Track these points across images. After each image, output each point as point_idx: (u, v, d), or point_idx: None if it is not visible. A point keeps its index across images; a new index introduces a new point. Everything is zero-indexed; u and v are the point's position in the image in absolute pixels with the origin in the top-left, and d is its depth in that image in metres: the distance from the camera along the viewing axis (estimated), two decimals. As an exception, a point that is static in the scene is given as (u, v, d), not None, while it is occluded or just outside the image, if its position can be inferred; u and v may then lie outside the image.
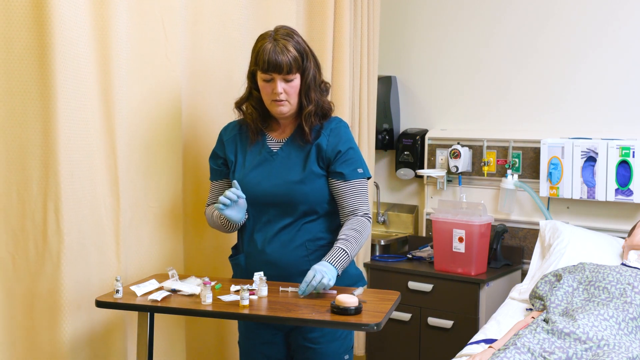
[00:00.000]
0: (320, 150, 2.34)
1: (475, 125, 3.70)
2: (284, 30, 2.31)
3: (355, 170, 2.36)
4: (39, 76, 2.14)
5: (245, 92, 2.41)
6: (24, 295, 2.20)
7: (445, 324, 3.26)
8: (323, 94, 2.37)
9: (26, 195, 2.17)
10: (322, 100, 2.36)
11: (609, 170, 3.15)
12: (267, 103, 2.33)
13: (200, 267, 2.74)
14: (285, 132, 2.41)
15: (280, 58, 2.23)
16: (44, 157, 2.17)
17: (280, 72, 2.25)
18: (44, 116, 2.15)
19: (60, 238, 2.20)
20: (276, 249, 2.34)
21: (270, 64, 2.23)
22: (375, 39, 3.59)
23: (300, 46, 2.29)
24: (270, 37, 2.28)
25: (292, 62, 2.25)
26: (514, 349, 2.16)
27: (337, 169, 2.34)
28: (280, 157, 2.37)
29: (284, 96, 2.28)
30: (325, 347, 2.35)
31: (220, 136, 2.48)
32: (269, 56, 2.23)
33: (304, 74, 2.30)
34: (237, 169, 2.40)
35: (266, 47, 2.25)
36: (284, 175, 2.34)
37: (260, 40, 2.31)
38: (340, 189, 2.35)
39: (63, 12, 2.15)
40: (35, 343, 2.21)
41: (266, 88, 2.29)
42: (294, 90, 2.29)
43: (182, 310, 2.13)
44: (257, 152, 2.40)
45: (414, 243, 3.79)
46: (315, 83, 2.33)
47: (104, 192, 2.36)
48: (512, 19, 3.59)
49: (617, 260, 2.94)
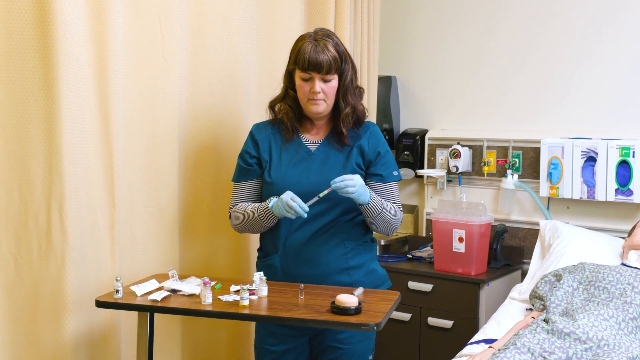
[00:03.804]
0: (363, 152, 2.39)
1: (475, 125, 3.70)
2: (324, 31, 2.35)
3: (392, 172, 2.42)
4: (42, 77, 2.14)
5: (281, 91, 2.43)
6: (27, 296, 2.20)
7: (445, 324, 3.26)
8: (358, 98, 2.40)
9: (29, 196, 2.17)
10: (358, 104, 2.39)
11: (609, 170, 3.15)
12: (303, 102, 2.36)
13: (197, 268, 2.74)
14: (319, 134, 2.43)
15: (320, 57, 2.27)
16: (47, 157, 2.17)
17: (320, 71, 2.28)
18: (47, 116, 2.16)
19: (65, 238, 2.20)
20: (315, 248, 2.35)
21: (310, 63, 2.27)
22: (375, 39, 3.59)
23: (339, 48, 2.33)
24: (310, 37, 2.32)
25: (331, 62, 2.28)
26: (514, 349, 2.16)
27: (376, 170, 2.40)
28: (319, 157, 2.39)
29: (321, 95, 2.31)
30: (355, 347, 2.38)
31: (253, 135, 2.46)
32: (310, 55, 2.27)
33: (342, 75, 2.34)
34: (273, 168, 2.39)
35: (307, 47, 2.29)
36: (325, 173, 2.35)
37: (300, 40, 2.35)
38: (377, 190, 2.40)
39: (65, 12, 2.15)
40: (37, 344, 2.21)
41: (304, 87, 2.32)
42: (331, 90, 2.32)
43: (182, 310, 2.13)
44: (294, 150, 2.40)
45: (414, 243, 3.79)
46: (352, 86, 2.37)
47: (100, 193, 2.36)
48: (512, 19, 3.59)
49: (617, 260, 2.94)
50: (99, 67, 2.33)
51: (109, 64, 2.35)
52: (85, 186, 2.29)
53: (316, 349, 2.42)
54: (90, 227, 2.32)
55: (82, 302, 2.28)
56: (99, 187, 2.36)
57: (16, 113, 2.14)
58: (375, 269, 2.47)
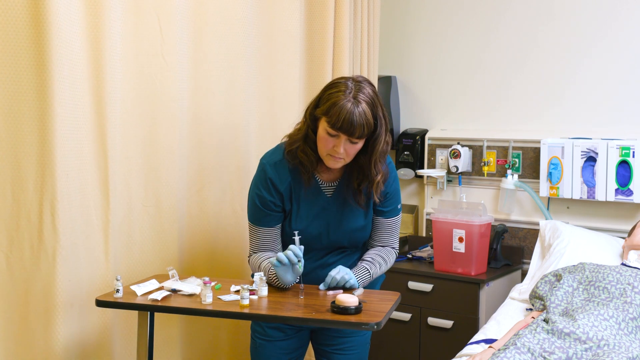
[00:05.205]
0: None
1: (475, 125, 3.70)
2: (365, 90, 2.13)
3: (396, 207, 2.39)
4: (36, 75, 2.14)
5: (301, 131, 2.24)
6: (19, 295, 2.20)
7: (445, 324, 3.26)
8: (384, 160, 2.26)
9: (21, 195, 2.17)
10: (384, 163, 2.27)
11: (609, 170, 3.15)
12: (321, 152, 2.20)
13: (197, 268, 2.74)
14: (334, 174, 2.32)
15: (356, 123, 2.08)
16: (39, 156, 2.17)
17: (351, 135, 2.11)
18: (40, 115, 2.15)
19: (56, 237, 2.20)
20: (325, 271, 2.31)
21: (344, 125, 2.08)
22: (375, 39, 3.59)
23: (376, 111, 2.14)
24: (348, 92, 2.11)
25: (364, 128, 2.10)
26: (514, 349, 2.16)
27: (381, 207, 2.36)
28: (337, 204, 2.32)
29: (343, 154, 2.15)
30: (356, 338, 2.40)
31: (273, 183, 2.27)
32: (345, 117, 2.07)
33: (375, 141, 2.18)
34: (293, 219, 2.29)
35: (344, 104, 2.08)
36: (345, 224, 2.32)
37: (336, 91, 2.13)
38: (379, 224, 2.38)
39: (59, 11, 2.14)
40: (30, 343, 2.21)
41: (328, 141, 2.14)
42: (354, 151, 2.18)
43: (183, 310, 2.13)
44: (313, 198, 2.30)
45: (414, 243, 3.79)
46: (384, 152, 2.22)
47: (94, 192, 2.36)
48: (512, 19, 3.59)
49: (617, 260, 2.94)
50: (95, 66, 2.32)
51: (105, 63, 2.34)
52: (78, 185, 2.29)
53: (318, 339, 2.43)
54: (83, 226, 2.32)
55: (74, 301, 2.28)
56: (93, 187, 2.36)
57: (8, 112, 2.14)
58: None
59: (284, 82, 3.05)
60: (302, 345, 2.44)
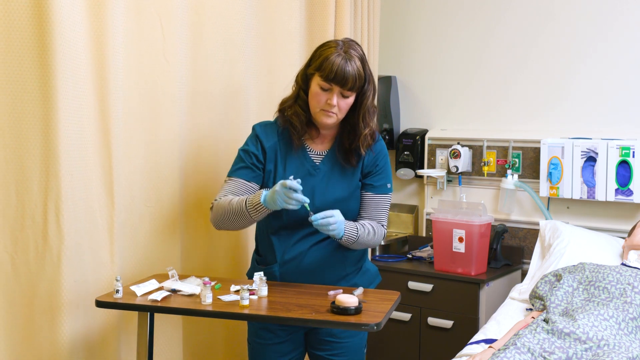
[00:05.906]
0: (363, 165, 2.37)
1: (475, 125, 3.70)
2: (353, 44, 2.26)
3: (385, 185, 2.40)
4: (39, 76, 2.14)
5: (292, 92, 2.35)
6: (24, 295, 2.20)
7: (445, 324, 3.26)
8: (373, 117, 2.36)
9: (26, 195, 2.17)
10: (373, 125, 2.35)
11: (609, 170, 3.15)
12: (313, 110, 2.28)
13: (197, 268, 2.74)
14: (324, 143, 2.38)
15: (348, 74, 2.19)
16: (44, 156, 2.17)
17: (344, 86, 2.20)
18: (44, 116, 2.15)
19: (60, 238, 2.20)
20: (315, 259, 2.34)
21: (337, 76, 2.19)
22: (375, 39, 3.59)
23: (365, 67, 2.26)
24: (339, 47, 2.22)
25: (357, 79, 2.21)
26: (514, 349, 2.16)
27: (370, 181, 2.38)
28: (323, 172, 2.34)
29: (335, 109, 2.24)
30: (351, 340, 2.39)
31: (259, 140, 2.36)
32: (338, 68, 2.18)
33: (363, 96, 2.27)
34: (277, 180, 2.31)
35: (335, 57, 2.19)
36: (330, 193, 2.33)
37: (327, 47, 2.25)
38: (367, 200, 2.38)
39: (62, 12, 2.15)
40: (34, 343, 2.21)
41: (320, 96, 2.23)
42: (346, 106, 2.26)
43: (182, 310, 2.13)
44: (299, 163, 2.34)
45: (414, 243, 3.79)
46: (372, 108, 2.32)
47: (99, 192, 2.36)
48: (512, 19, 3.59)
49: (617, 260, 2.94)
50: (98, 66, 2.32)
51: (108, 64, 2.34)
52: (82, 185, 2.29)
53: (312, 343, 2.42)
54: (88, 226, 2.32)
55: (79, 302, 2.28)
56: (97, 187, 2.36)
57: (13, 112, 2.14)
58: (368, 268, 2.49)
59: (284, 82, 3.03)
60: (296, 348, 2.43)
